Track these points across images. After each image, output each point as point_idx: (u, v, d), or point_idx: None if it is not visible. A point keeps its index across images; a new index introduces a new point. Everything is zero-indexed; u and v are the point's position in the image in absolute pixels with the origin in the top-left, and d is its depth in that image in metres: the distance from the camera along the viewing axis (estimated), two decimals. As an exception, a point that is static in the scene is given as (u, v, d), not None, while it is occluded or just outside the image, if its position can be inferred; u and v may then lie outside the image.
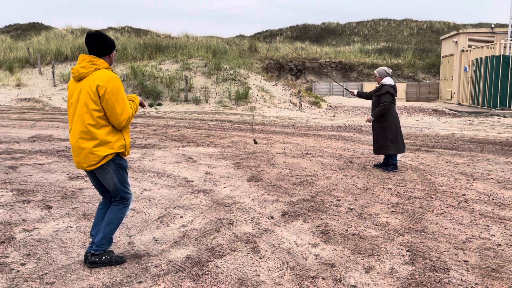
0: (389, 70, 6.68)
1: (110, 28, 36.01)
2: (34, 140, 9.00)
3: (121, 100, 3.04)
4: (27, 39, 31.42)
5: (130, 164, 6.87)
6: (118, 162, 3.18)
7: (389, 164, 6.73)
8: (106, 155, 3.08)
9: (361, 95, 7.07)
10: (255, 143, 8.38)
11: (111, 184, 3.20)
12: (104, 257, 3.24)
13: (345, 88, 7.86)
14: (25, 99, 18.53)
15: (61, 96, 18.91)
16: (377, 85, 6.76)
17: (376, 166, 6.92)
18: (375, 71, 6.77)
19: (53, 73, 20.33)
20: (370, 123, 6.85)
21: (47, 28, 38.98)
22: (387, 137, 6.56)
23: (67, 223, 4.17)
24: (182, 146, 8.76)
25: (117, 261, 3.29)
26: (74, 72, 3.09)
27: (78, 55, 22.94)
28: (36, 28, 40.00)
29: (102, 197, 3.42)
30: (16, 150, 7.81)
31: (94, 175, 3.26)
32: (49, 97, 18.69)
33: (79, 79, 3.07)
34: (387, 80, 6.59)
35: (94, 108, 3.01)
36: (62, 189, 5.36)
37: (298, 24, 50.02)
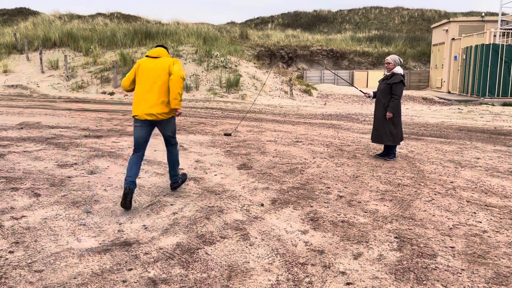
0: (401, 60, 6.58)
1: (99, 14, 35.44)
2: (22, 128, 8.89)
3: (182, 73, 4.35)
4: (14, 24, 30.81)
5: (120, 152, 6.84)
6: (175, 118, 4.55)
7: (389, 153, 6.75)
8: (172, 110, 4.42)
9: (376, 95, 6.86)
10: (228, 134, 8.37)
11: (172, 129, 4.57)
12: (180, 180, 4.80)
13: (360, 90, 7.73)
14: (12, 85, 18.24)
15: (49, 83, 18.65)
16: (387, 73, 6.62)
17: (378, 156, 6.86)
18: (388, 58, 6.55)
19: (40, 59, 20.01)
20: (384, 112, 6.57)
21: (35, 13, 38.22)
22: (388, 127, 6.52)
23: (56, 211, 4.15)
24: (172, 133, 8.72)
25: (183, 180, 4.87)
26: (153, 53, 4.44)
27: (66, 41, 22.58)
28: (23, 13, 39.20)
29: (135, 151, 4.39)
30: (4, 138, 7.71)
31: (151, 128, 4.42)
32: (37, 84, 18.43)
33: (156, 56, 4.43)
34: (398, 70, 6.47)
35: (167, 79, 4.33)
36: (50, 176, 5.32)
37: (289, 11, 49.71)
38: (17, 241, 3.46)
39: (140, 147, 4.41)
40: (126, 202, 4.14)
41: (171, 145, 4.66)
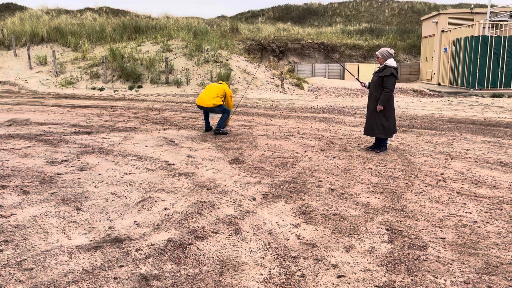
0: (392, 51, 6.47)
1: (88, 9, 35.02)
2: (10, 125, 8.77)
3: (231, 98, 8.22)
4: (1, 20, 30.32)
5: (110, 148, 6.79)
6: (220, 106, 7.96)
7: (380, 146, 6.76)
8: (220, 103, 7.95)
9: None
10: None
11: (220, 110, 7.94)
12: (220, 131, 7.94)
13: (357, 79, 7.73)
14: (0, 82, 17.99)
15: (37, 79, 18.42)
16: (380, 66, 6.59)
17: (369, 148, 6.88)
18: (377, 53, 6.54)
19: (28, 55, 19.75)
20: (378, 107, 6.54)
21: (22, 8, 37.65)
22: (380, 120, 6.51)
23: (46, 208, 4.10)
24: (163, 129, 8.67)
25: (224, 133, 8.01)
26: (219, 81, 8.46)
27: (54, 36, 22.32)
28: (10, 8, 38.61)
29: (204, 114, 8.31)
30: (-8, 135, 7.60)
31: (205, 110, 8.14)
32: (25, 80, 18.19)
33: (220, 82, 8.22)
34: (390, 62, 6.41)
35: (220, 95, 7.93)
36: (40, 174, 5.26)
37: (280, 4, 49.55)
38: (6, 240, 3.42)
39: (205, 113, 8.30)
40: (207, 130, 8.31)
41: (224, 114, 7.99)
